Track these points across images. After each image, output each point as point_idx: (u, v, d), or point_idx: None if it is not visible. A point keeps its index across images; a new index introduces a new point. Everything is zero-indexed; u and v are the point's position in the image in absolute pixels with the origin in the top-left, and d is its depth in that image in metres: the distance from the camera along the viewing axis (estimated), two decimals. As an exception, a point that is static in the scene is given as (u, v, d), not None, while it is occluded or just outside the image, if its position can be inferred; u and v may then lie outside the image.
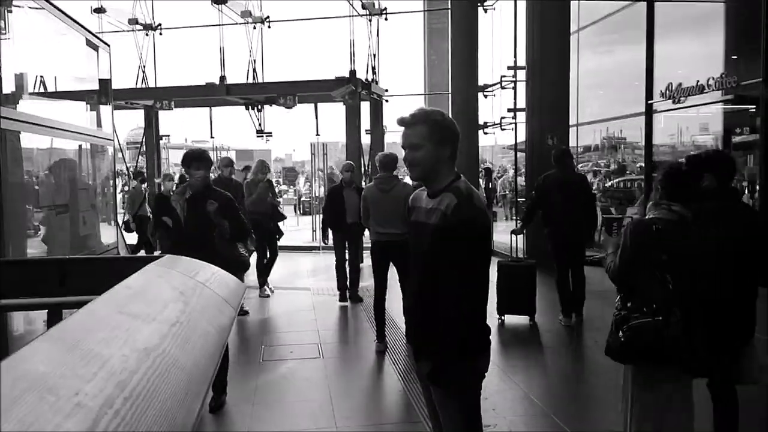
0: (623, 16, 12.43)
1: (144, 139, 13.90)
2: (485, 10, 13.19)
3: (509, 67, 12.16)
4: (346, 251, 7.93)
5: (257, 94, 12.94)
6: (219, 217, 4.31)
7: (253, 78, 13.82)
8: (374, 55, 13.31)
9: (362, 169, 11.97)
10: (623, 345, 2.91)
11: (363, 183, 11.28)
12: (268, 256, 8.14)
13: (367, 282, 7.75)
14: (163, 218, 4.43)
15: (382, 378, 5.25)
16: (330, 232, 7.93)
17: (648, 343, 2.83)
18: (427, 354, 2.40)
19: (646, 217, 3.06)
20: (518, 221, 9.21)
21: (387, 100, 13.60)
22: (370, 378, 5.39)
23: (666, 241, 2.89)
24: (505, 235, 9.56)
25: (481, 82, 13.20)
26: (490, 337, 2.42)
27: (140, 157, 14.48)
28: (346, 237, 7.80)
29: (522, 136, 11.68)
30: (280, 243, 8.50)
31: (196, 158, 4.39)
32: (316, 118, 14.06)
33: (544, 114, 10.41)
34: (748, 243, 3.14)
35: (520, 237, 8.40)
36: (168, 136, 15.39)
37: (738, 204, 3.50)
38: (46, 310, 2.37)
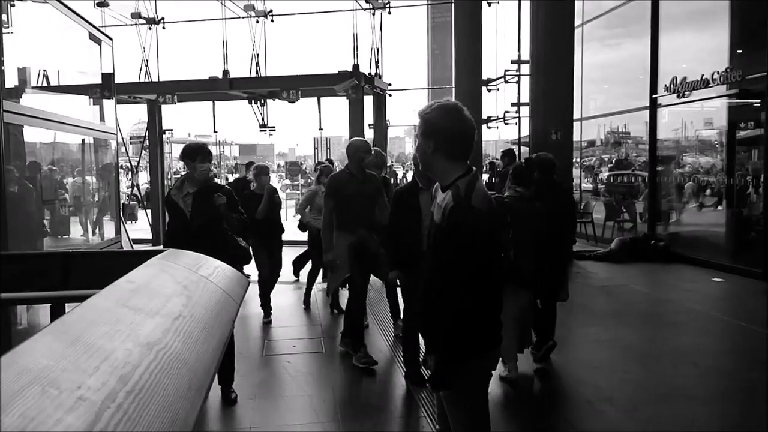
0: (628, 10, 12.37)
1: (147, 134, 13.91)
2: (489, 4, 13.17)
3: (513, 61, 12.16)
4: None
5: (260, 89, 12.94)
6: (226, 210, 4.30)
7: (256, 72, 13.83)
8: (377, 49, 13.31)
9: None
10: None
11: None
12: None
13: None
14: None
15: (385, 373, 5.25)
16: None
17: None
18: (428, 351, 2.43)
19: (504, 194, 4.77)
20: None
21: (390, 94, 13.61)
22: (373, 373, 5.39)
23: (511, 209, 4.53)
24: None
25: (484, 76, 13.16)
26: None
27: (143, 151, 14.48)
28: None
29: (525, 131, 11.66)
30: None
31: (201, 152, 4.34)
32: (319, 112, 14.10)
33: (547, 108, 10.37)
34: (559, 211, 4.98)
35: None
36: (171, 130, 15.42)
37: (556, 188, 5.24)
38: (49, 304, 2.37)
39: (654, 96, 11.17)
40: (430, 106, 2.34)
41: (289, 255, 11.09)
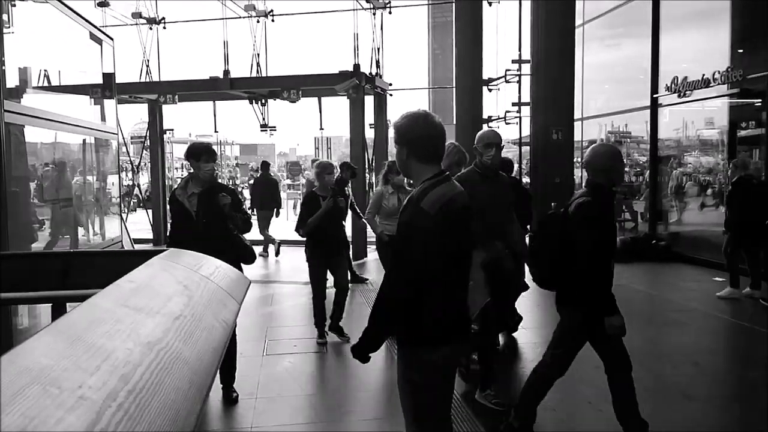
0: (628, 10, 12.36)
1: (148, 134, 13.91)
2: (489, 4, 13.16)
3: (514, 61, 12.12)
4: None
5: (261, 88, 12.93)
6: (231, 210, 4.30)
7: (257, 72, 13.82)
8: (378, 49, 13.28)
9: (366, 164, 11.94)
10: None
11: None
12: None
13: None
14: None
15: (386, 372, 5.25)
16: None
17: None
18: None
19: None
20: None
21: (391, 94, 13.58)
22: (373, 372, 5.39)
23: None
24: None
25: (485, 76, 13.15)
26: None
27: (144, 151, 14.49)
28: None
29: (526, 130, 11.65)
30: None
31: (206, 151, 4.33)
32: (320, 112, 14.08)
33: (548, 108, 10.37)
34: (518, 201, 5.00)
35: None
36: (172, 130, 15.39)
37: (519, 183, 6.00)
38: (51, 304, 2.37)
39: (655, 95, 11.16)
40: (402, 117, 2.53)
41: (287, 254, 11.07)
